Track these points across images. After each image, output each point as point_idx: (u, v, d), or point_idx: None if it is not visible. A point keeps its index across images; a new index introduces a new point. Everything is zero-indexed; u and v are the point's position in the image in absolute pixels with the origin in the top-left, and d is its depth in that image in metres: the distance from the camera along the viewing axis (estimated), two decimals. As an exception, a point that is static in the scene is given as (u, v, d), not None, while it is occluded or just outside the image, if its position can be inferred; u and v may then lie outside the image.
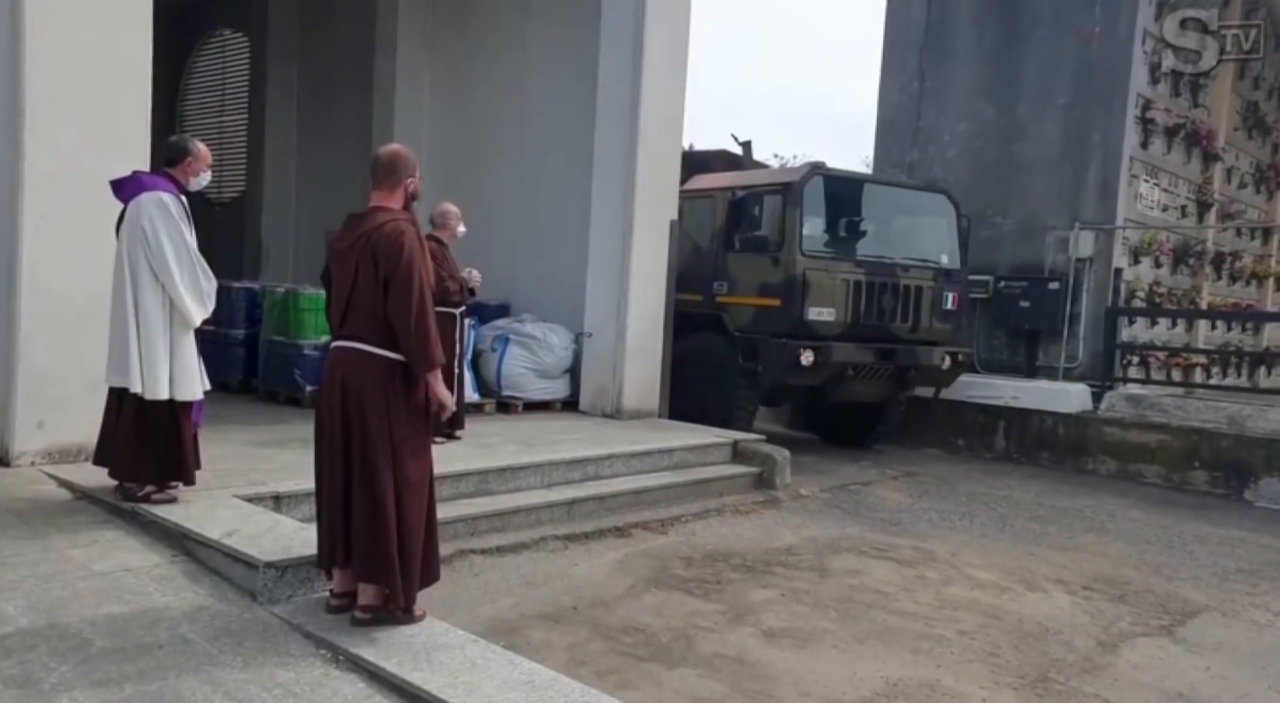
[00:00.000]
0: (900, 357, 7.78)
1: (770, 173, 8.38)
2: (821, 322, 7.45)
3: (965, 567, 5.18)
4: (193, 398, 3.96)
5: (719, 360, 7.83)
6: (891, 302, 7.72)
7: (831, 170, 7.92)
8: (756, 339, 7.56)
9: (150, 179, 3.97)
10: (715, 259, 8.05)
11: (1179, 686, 3.74)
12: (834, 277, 7.49)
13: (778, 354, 7.35)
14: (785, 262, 7.42)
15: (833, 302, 7.47)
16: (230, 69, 12.36)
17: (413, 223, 3.20)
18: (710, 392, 7.81)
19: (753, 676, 3.53)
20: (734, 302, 7.87)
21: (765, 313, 7.58)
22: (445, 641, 3.07)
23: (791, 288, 7.37)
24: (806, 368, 7.28)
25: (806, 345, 7.30)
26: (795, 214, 7.44)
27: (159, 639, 2.96)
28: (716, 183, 8.39)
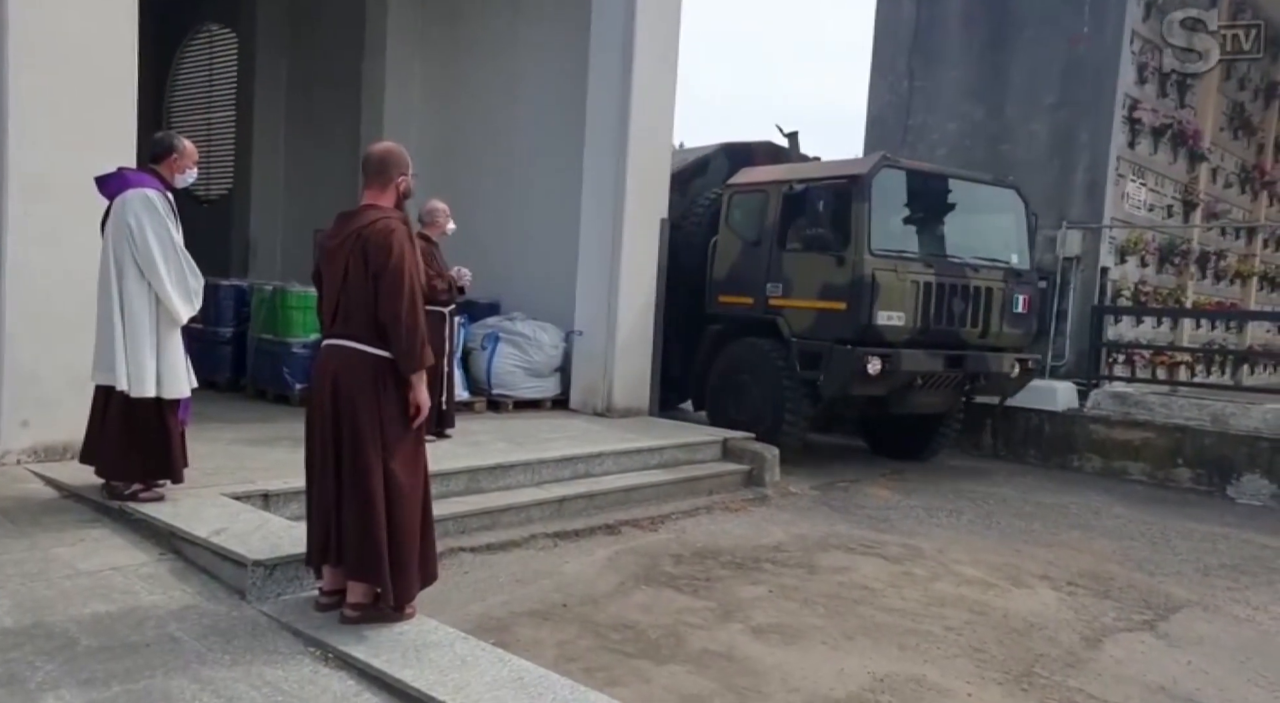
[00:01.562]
0: (969, 364, 7.19)
1: (832, 165, 7.60)
2: (890, 327, 6.82)
3: (952, 563, 5.22)
4: (180, 396, 3.94)
5: (771, 368, 7.26)
6: (961, 305, 7.10)
7: (901, 161, 7.28)
8: (817, 345, 6.97)
9: (136, 176, 3.95)
10: (768, 259, 7.43)
11: (1161, 680, 3.78)
12: (903, 278, 6.84)
13: (843, 362, 6.73)
14: (852, 261, 6.78)
15: (902, 305, 6.84)
16: (218, 65, 12.28)
17: (404, 221, 3.19)
18: (760, 401, 7.31)
19: (741, 672, 3.55)
20: (790, 305, 7.27)
21: (827, 317, 6.97)
22: (435, 638, 3.08)
23: (859, 290, 6.73)
24: (873, 377, 6.70)
25: (875, 353, 6.70)
26: (863, 209, 6.78)
27: (146, 638, 2.95)
28: (769, 176, 7.78)
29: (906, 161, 7.32)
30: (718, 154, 8.70)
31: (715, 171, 8.54)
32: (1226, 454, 7.82)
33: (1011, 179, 8.09)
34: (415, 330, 3.05)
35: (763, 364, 7.36)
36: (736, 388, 7.53)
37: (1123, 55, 9.42)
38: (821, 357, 6.90)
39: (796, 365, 7.09)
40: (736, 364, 7.57)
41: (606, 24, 7.48)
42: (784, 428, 7.17)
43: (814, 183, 7.12)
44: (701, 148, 8.94)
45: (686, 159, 8.75)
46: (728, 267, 7.77)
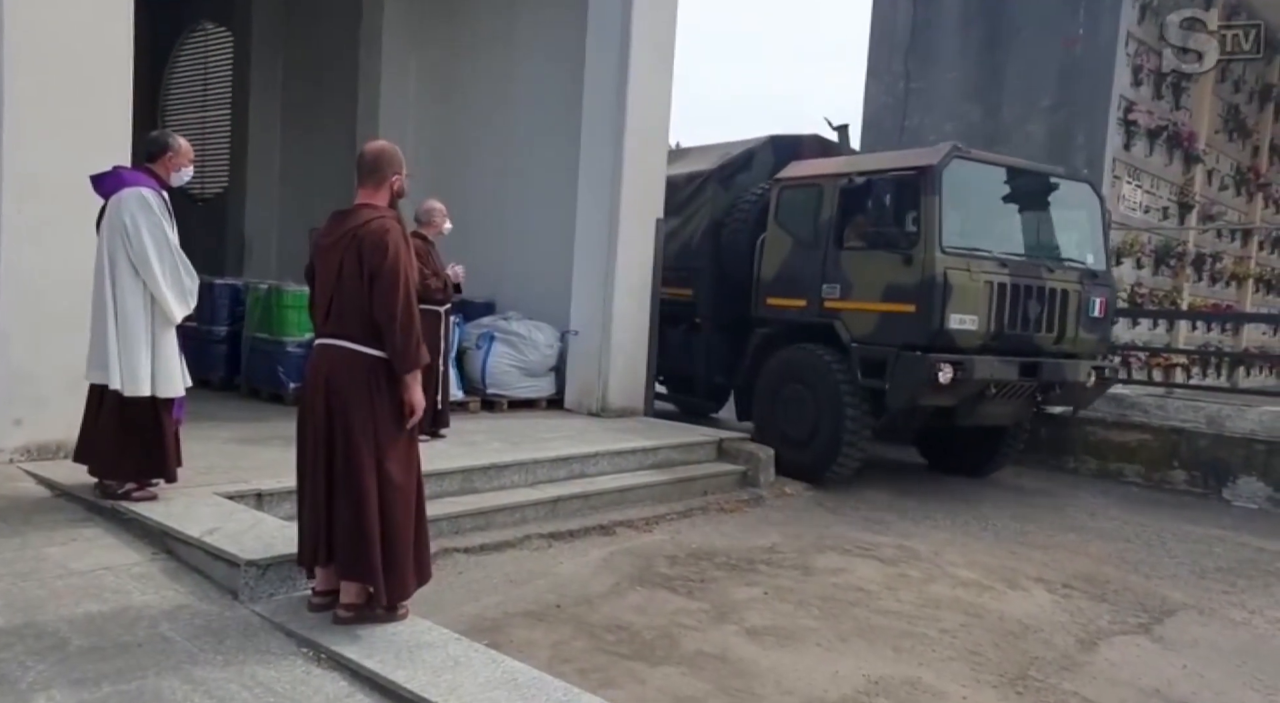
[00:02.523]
0: (1045, 372, 6.57)
1: (895, 156, 7.06)
2: (963, 331, 6.27)
3: (947, 565, 5.21)
4: (174, 395, 3.93)
5: (829, 376, 6.70)
6: (1036, 308, 6.53)
7: (972, 152, 6.71)
8: (881, 352, 6.43)
9: (131, 174, 3.94)
10: (823, 258, 6.90)
11: (1156, 683, 3.78)
12: (976, 278, 6.28)
13: (912, 370, 6.19)
14: (922, 260, 6.22)
15: (975, 307, 6.28)
16: (213, 63, 12.25)
17: (398, 220, 3.19)
18: (816, 413, 6.77)
19: (735, 673, 3.54)
20: (850, 307, 6.71)
21: (893, 321, 6.42)
22: (428, 639, 3.07)
23: (930, 291, 6.17)
24: (943, 386, 6.14)
25: (946, 359, 6.14)
26: (934, 204, 6.23)
27: (138, 638, 2.93)
28: (823, 169, 7.28)
29: (977, 152, 6.76)
30: (763, 147, 8.25)
31: (760, 166, 8.12)
32: (1222, 457, 7.83)
33: (1086, 172, 7.63)
34: (410, 330, 3.04)
35: (818, 372, 6.81)
36: (788, 398, 6.99)
37: (1118, 57, 9.45)
38: (886, 364, 6.36)
39: (857, 374, 6.56)
40: (788, 372, 7.06)
41: (603, 21, 7.48)
42: (845, 441, 6.63)
43: (877, 175, 6.62)
44: (745, 141, 8.53)
45: (730, 152, 8.36)
46: (777, 266, 7.29)
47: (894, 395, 6.39)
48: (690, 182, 8.34)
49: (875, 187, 6.56)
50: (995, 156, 7.02)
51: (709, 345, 8.10)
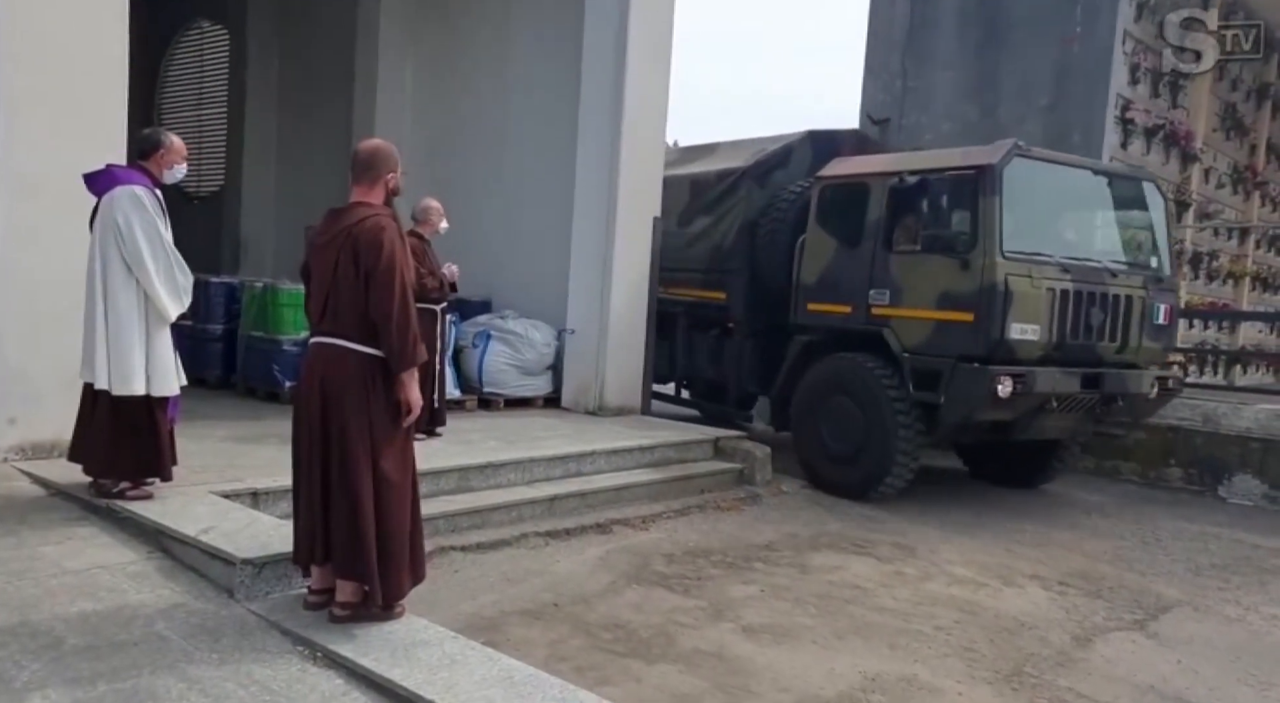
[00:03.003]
0: (1108, 384, 6.20)
1: (949, 154, 6.63)
2: (1024, 341, 5.89)
3: (943, 563, 5.23)
4: (169, 393, 3.92)
5: (876, 388, 6.33)
6: (1100, 315, 6.14)
7: (1032, 150, 6.33)
8: (935, 363, 6.05)
9: (124, 172, 3.93)
10: (871, 261, 6.51)
11: (1151, 679, 3.79)
12: (1038, 285, 5.91)
13: (970, 382, 5.81)
14: (981, 265, 5.84)
15: (1036, 316, 5.90)
16: (209, 61, 12.21)
17: (394, 219, 3.18)
18: (864, 427, 6.40)
19: (732, 671, 3.55)
20: (900, 314, 6.32)
21: (948, 330, 6.03)
22: (424, 637, 3.07)
23: (990, 299, 5.80)
24: (1003, 400, 5.77)
25: (1007, 372, 5.77)
26: (993, 205, 5.87)
27: (133, 637, 2.93)
28: (871, 167, 6.87)
29: (1037, 150, 6.39)
30: (801, 143, 7.87)
31: (798, 162, 7.76)
32: (1218, 454, 7.85)
33: (1149, 170, 7.20)
34: (407, 328, 3.04)
35: (866, 383, 6.41)
36: (831, 411, 6.61)
37: (1115, 56, 9.44)
38: (941, 376, 5.98)
39: (909, 386, 6.18)
40: (831, 382, 6.67)
41: (600, 18, 7.46)
42: (895, 458, 6.26)
43: (931, 175, 6.21)
44: (781, 136, 8.14)
45: (765, 148, 7.95)
46: (819, 270, 6.87)
47: (950, 410, 6.00)
48: (722, 179, 8.01)
49: (929, 186, 6.19)
50: (1056, 154, 6.68)
51: (742, 352, 7.76)
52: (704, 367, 8.24)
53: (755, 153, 7.96)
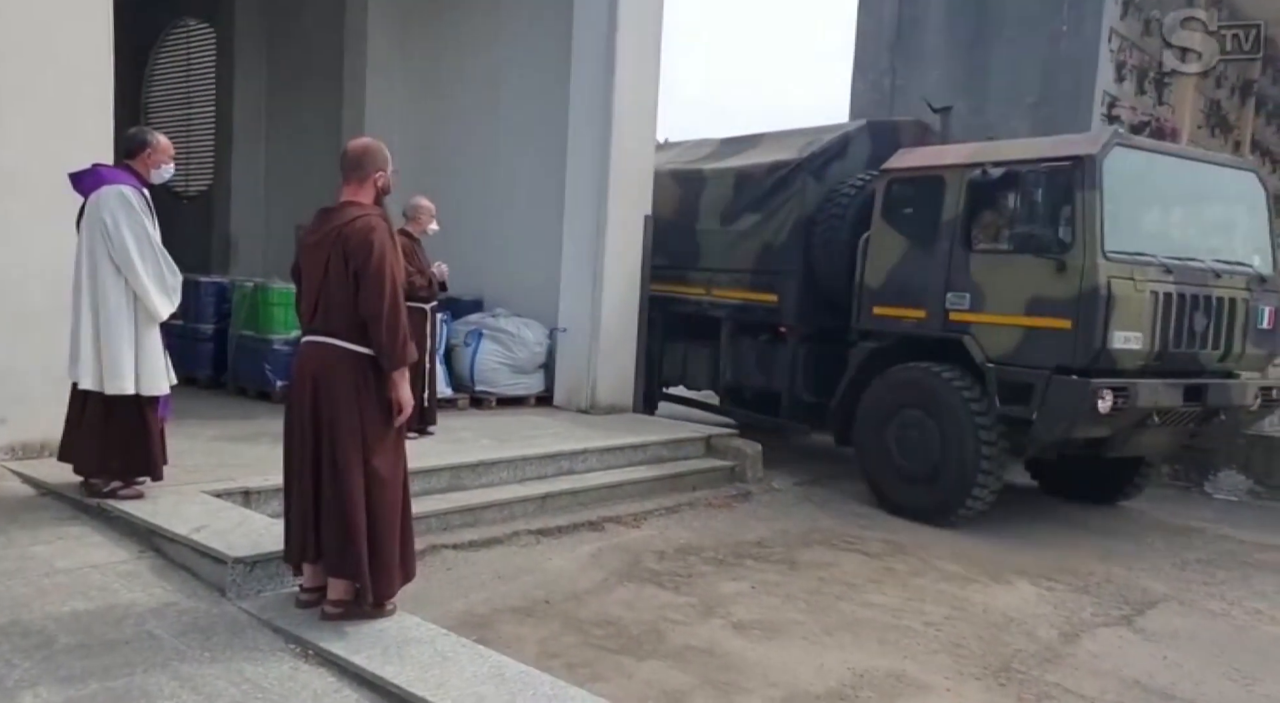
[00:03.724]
0: (1211, 395, 5.74)
1: (1040, 143, 6.10)
2: (1126, 351, 5.39)
3: (932, 559, 5.26)
4: (159, 393, 3.92)
5: (955, 402, 5.81)
6: (1203, 320, 5.64)
7: (1133, 139, 5.82)
8: (1026, 374, 5.55)
9: (110, 172, 3.92)
10: (948, 262, 5.98)
11: (1137, 674, 3.84)
12: (1141, 288, 5.40)
13: (1069, 396, 5.34)
14: (1082, 267, 5.32)
15: (1139, 323, 5.40)
16: (196, 60, 12.15)
17: (384, 218, 3.19)
18: (941, 444, 5.89)
19: (722, 667, 3.57)
20: (984, 321, 5.79)
21: (1041, 338, 5.52)
22: (416, 635, 3.08)
23: (1091, 304, 5.28)
24: (1103, 415, 5.31)
25: (1110, 385, 5.31)
26: (1094, 199, 5.34)
27: (125, 635, 2.94)
28: (946, 158, 6.30)
29: (1138, 139, 5.86)
30: (859, 133, 7.36)
31: (856, 154, 7.25)
32: (1204, 449, 7.87)
33: (1250, 161, 6.75)
34: (397, 328, 3.05)
35: (944, 396, 5.88)
36: (904, 426, 6.11)
37: (1101, 53, 9.52)
38: (1034, 389, 5.49)
39: (995, 399, 5.68)
40: (903, 394, 6.16)
41: (589, 18, 7.46)
42: (979, 479, 5.75)
43: (1018, 166, 5.66)
44: (837, 125, 7.73)
45: (821, 139, 7.41)
46: (886, 271, 6.35)
47: (1044, 426, 5.50)
48: (772, 172, 7.40)
49: (1016, 179, 5.63)
50: (1156, 143, 6.16)
51: (795, 359, 7.19)
52: (751, 374, 7.67)
53: (807, 144, 7.38)
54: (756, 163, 7.66)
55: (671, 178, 8.28)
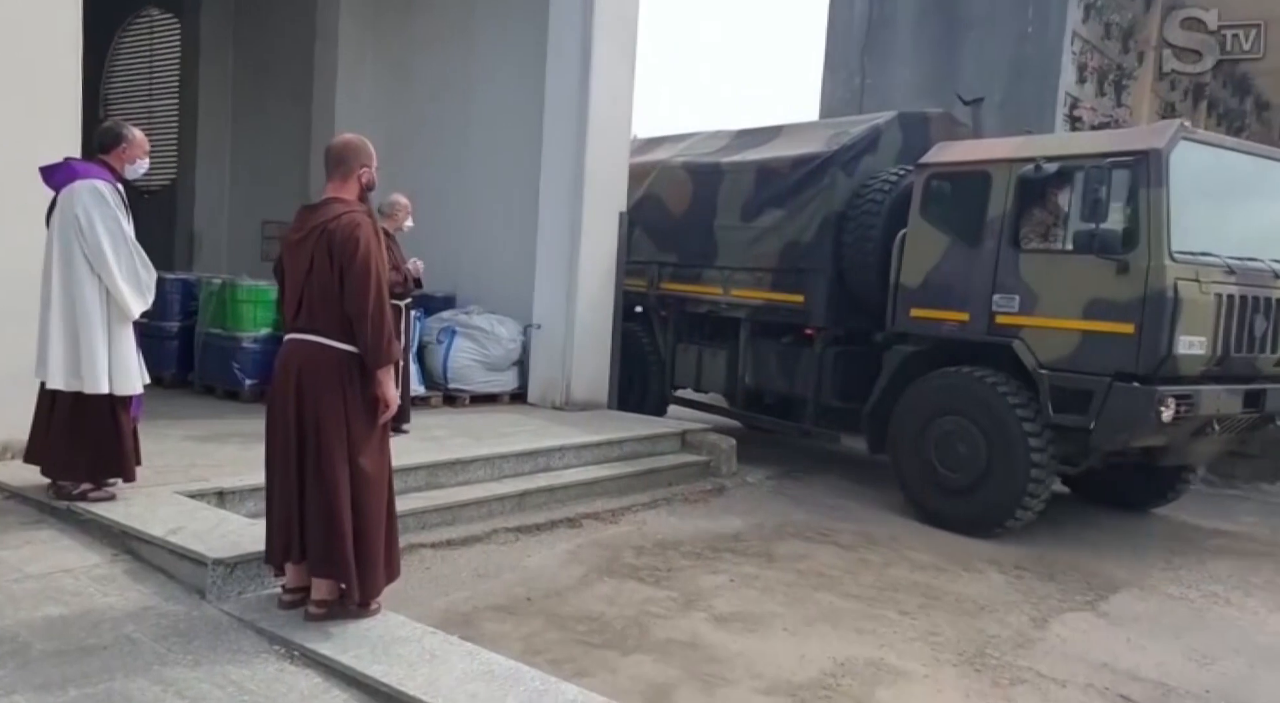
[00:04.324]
0: (1270, 401, 5.52)
1: (1098, 137, 5.89)
2: (1190, 356, 5.16)
3: (905, 550, 5.36)
4: (132, 392, 3.84)
5: (1002, 410, 5.54)
6: (1263, 323, 5.42)
7: (1198, 133, 5.57)
8: (1084, 381, 5.29)
9: (84, 166, 3.83)
10: (995, 262, 5.70)
11: (1104, 657, 3.96)
12: (1206, 291, 5.17)
13: (1132, 405, 5.08)
14: (1147, 269, 5.07)
15: (1204, 327, 5.17)
16: (159, 51, 11.87)
17: (369, 215, 3.17)
18: (984, 455, 5.62)
19: (706, 659, 3.61)
20: (1036, 324, 5.52)
21: (1100, 343, 5.25)
22: (402, 634, 3.07)
23: (1157, 308, 5.03)
24: (1166, 424, 5.09)
25: (1175, 392, 5.08)
26: (1160, 197, 5.09)
27: (103, 641, 2.88)
28: (993, 152, 6.02)
29: (1202, 133, 5.58)
30: (890, 126, 7.05)
31: (887, 148, 6.96)
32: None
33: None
34: (382, 325, 3.04)
35: (990, 404, 5.60)
36: (945, 433, 5.83)
37: (1064, 55, 9.75)
38: (1092, 397, 5.24)
39: (1048, 407, 5.41)
40: (944, 401, 5.88)
41: (565, 13, 7.44)
42: (1029, 491, 5.49)
43: (1076, 161, 5.39)
44: (864, 117, 7.49)
45: (849, 131, 7.12)
46: (925, 271, 6.06)
47: (1104, 435, 5.26)
48: (798, 166, 7.07)
49: (1072, 175, 5.36)
50: (1221, 137, 5.86)
51: (822, 362, 6.87)
52: (773, 378, 7.33)
53: (834, 136, 7.10)
54: (780, 156, 7.30)
55: (685, 171, 7.98)
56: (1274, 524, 6.69)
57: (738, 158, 7.71)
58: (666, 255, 7.90)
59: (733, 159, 7.73)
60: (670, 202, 7.78)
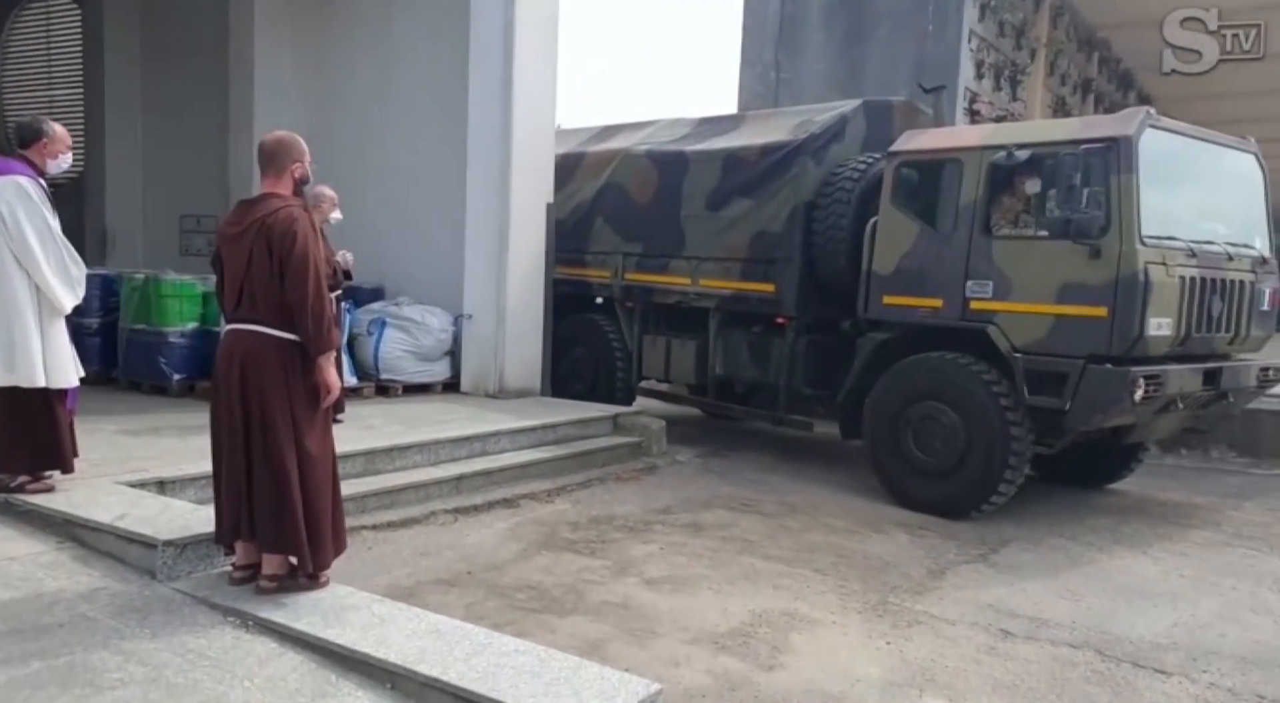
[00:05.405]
0: (1225, 378, 5.79)
1: (1066, 124, 6.00)
2: (1158, 337, 5.37)
3: (822, 516, 5.77)
4: (67, 385, 3.90)
5: (980, 394, 5.68)
6: (1219, 304, 5.67)
7: (1162, 120, 5.65)
8: (1059, 364, 5.44)
9: (4, 163, 3.86)
10: (967, 249, 5.82)
11: (989, 599, 4.43)
12: (1172, 274, 5.37)
13: (1107, 385, 5.25)
14: (1120, 253, 5.23)
15: (1170, 308, 5.38)
16: (58, 37, 11.40)
17: (305, 209, 3.33)
18: (962, 438, 5.77)
19: (637, 618, 3.91)
20: (1009, 309, 5.65)
21: (1073, 326, 5.42)
22: (352, 602, 3.27)
23: (1129, 291, 5.21)
24: (1136, 404, 5.28)
25: (1146, 372, 5.27)
26: (1130, 182, 5.25)
27: (58, 619, 2.99)
28: (963, 140, 6.16)
29: (1166, 121, 5.69)
30: (855, 114, 7.09)
31: (853, 136, 7.01)
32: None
33: (1253, 141, 6.36)
34: (322, 314, 3.21)
35: (968, 388, 5.75)
36: (923, 418, 5.95)
37: (962, 52, 10.37)
38: (1067, 378, 5.39)
39: (1024, 390, 5.55)
40: (921, 386, 5.98)
41: (487, 10, 7.54)
42: (1006, 475, 5.67)
43: (1047, 148, 5.53)
44: (829, 106, 7.48)
45: (814, 120, 7.11)
46: (897, 258, 6.14)
47: (1079, 415, 5.42)
48: (766, 155, 7.06)
49: (1043, 162, 5.50)
50: (1181, 125, 5.94)
51: (794, 351, 6.93)
52: (744, 367, 7.36)
53: (800, 125, 7.11)
54: (747, 145, 7.27)
55: (649, 160, 7.90)
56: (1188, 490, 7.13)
57: (703, 147, 7.64)
58: (632, 245, 7.84)
59: (698, 148, 7.64)
60: (634, 191, 7.74)
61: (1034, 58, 11.71)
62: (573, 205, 8.41)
